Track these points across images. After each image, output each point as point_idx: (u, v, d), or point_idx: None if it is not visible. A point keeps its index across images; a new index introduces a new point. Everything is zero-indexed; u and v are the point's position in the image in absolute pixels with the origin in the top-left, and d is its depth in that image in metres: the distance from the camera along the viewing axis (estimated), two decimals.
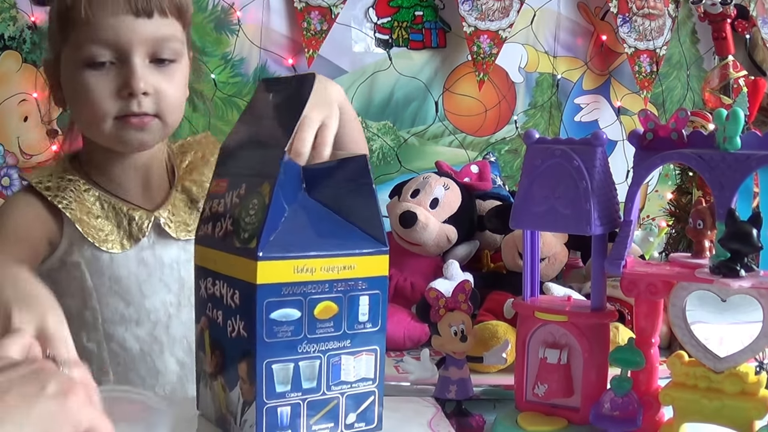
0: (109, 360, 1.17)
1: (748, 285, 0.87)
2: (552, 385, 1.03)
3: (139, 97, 1.10)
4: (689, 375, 0.93)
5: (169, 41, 1.12)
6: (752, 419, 0.90)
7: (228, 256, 0.86)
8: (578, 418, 1.02)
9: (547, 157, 1.01)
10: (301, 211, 0.88)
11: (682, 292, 0.93)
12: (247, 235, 0.84)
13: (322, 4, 1.72)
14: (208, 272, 0.90)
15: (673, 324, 0.94)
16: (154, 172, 1.20)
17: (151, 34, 1.11)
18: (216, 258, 0.89)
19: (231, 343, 0.86)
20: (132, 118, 1.11)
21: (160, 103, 1.12)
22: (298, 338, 0.83)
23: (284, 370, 0.83)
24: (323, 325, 0.85)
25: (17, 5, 1.64)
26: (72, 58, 1.11)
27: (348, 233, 0.89)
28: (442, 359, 1.13)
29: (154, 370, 1.19)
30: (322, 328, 0.85)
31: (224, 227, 0.89)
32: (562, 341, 1.03)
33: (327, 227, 0.89)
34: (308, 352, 0.84)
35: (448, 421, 1.02)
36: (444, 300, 1.10)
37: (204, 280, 0.91)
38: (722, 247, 0.89)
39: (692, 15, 1.98)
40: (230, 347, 0.86)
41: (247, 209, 0.86)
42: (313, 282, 0.84)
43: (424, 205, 1.47)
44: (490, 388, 1.20)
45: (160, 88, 1.12)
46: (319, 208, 0.90)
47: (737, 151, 0.94)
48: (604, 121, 1.98)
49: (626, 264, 0.97)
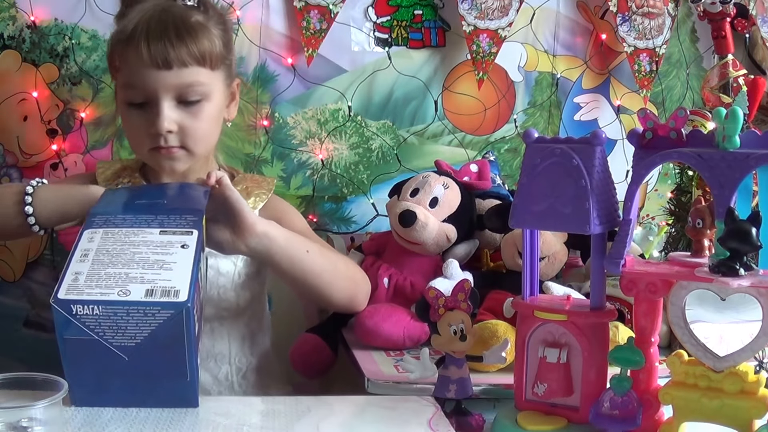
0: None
1: (747, 284, 0.87)
2: (551, 384, 1.03)
3: (165, 134, 1.29)
4: (689, 374, 0.93)
5: (192, 86, 1.30)
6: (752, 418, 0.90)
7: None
8: (578, 418, 1.02)
9: (547, 156, 1.01)
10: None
11: (682, 291, 0.93)
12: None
13: (321, 3, 1.72)
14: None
15: (672, 323, 0.94)
16: (192, 177, 1.35)
17: (174, 82, 1.28)
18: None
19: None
20: (162, 149, 1.31)
21: (185, 138, 1.31)
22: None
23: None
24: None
25: (17, 4, 1.63)
26: (120, 94, 1.34)
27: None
28: (441, 358, 1.13)
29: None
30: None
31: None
32: (562, 340, 1.03)
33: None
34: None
35: (448, 421, 1.02)
36: (443, 299, 1.10)
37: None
38: (721, 245, 0.89)
39: (692, 14, 1.98)
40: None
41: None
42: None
43: (424, 204, 1.47)
44: (490, 388, 1.20)
45: (185, 125, 1.30)
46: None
47: (736, 150, 0.94)
48: (603, 120, 1.98)
49: (626, 263, 0.97)
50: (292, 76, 1.77)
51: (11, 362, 1.66)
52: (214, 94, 1.33)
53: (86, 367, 0.95)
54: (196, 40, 1.28)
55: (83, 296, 0.94)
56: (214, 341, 1.39)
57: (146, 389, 0.98)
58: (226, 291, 1.39)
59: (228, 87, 1.39)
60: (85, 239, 1.03)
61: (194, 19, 1.31)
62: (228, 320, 1.40)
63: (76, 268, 0.98)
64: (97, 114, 1.69)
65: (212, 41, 1.31)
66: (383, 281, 1.47)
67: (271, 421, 0.99)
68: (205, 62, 1.30)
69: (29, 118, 1.66)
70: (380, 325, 1.36)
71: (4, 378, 0.88)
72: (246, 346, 1.42)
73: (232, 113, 1.43)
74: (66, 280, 0.97)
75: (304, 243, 1.30)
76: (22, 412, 0.83)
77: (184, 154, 1.33)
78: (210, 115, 1.33)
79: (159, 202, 1.15)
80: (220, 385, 1.40)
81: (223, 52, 1.34)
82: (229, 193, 1.18)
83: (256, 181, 1.47)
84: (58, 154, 1.67)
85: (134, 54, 1.27)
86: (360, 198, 1.83)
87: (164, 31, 1.27)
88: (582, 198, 0.98)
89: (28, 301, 1.70)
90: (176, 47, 1.27)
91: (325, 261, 1.32)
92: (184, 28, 1.28)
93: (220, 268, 1.37)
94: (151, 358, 0.95)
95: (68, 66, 1.66)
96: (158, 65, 1.27)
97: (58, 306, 0.93)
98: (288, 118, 1.79)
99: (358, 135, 1.83)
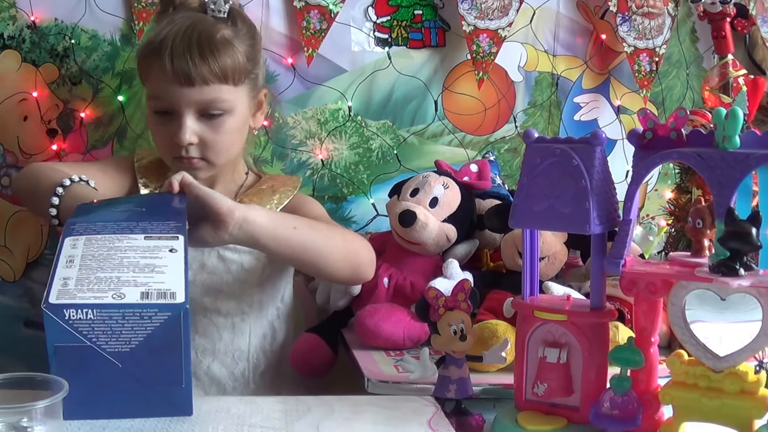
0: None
1: (747, 284, 0.87)
2: (552, 384, 1.03)
3: (186, 146, 1.34)
4: (689, 374, 0.93)
5: (214, 102, 1.34)
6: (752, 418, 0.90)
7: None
8: (578, 417, 1.02)
9: (547, 156, 1.01)
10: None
11: (682, 291, 0.93)
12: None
13: (321, 3, 1.72)
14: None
15: (672, 323, 0.94)
16: (221, 176, 1.44)
17: (196, 98, 1.33)
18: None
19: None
20: (183, 159, 1.36)
21: (205, 150, 1.36)
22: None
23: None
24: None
25: (16, 4, 1.63)
26: (148, 102, 1.39)
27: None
28: (441, 358, 1.13)
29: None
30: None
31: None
32: (562, 340, 1.03)
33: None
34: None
35: (448, 420, 1.02)
36: (443, 299, 1.10)
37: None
38: (721, 245, 0.89)
39: (692, 14, 1.98)
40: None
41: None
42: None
43: (424, 204, 1.47)
44: (490, 387, 1.20)
45: (206, 138, 1.35)
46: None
47: (736, 150, 0.94)
48: (603, 120, 1.98)
49: (626, 263, 0.97)
50: (292, 76, 1.77)
51: (11, 362, 1.66)
52: (237, 108, 1.37)
53: (78, 378, 0.91)
54: (218, 58, 1.32)
55: (76, 300, 0.91)
56: (234, 337, 1.41)
57: (139, 399, 0.95)
58: (249, 287, 1.40)
59: (253, 99, 1.42)
60: (68, 246, 1.00)
61: (220, 35, 1.34)
62: (250, 317, 1.42)
63: (63, 273, 0.95)
64: (97, 114, 1.69)
65: (236, 58, 1.34)
66: (383, 281, 1.47)
67: (271, 420, 0.99)
68: (227, 79, 1.34)
69: (29, 118, 1.66)
70: (380, 325, 1.36)
71: (4, 378, 0.88)
72: (267, 344, 1.44)
73: (258, 122, 1.46)
74: (55, 285, 0.93)
75: (291, 220, 1.30)
76: (22, 412, 0.83)
77: (205, 165, 1.37)
78: (231, 129, 1.37)
79: (138, 210, 1.12)
80: (235, 381, 1.42)
81: (248, 66, 1.37)
82: (197, 190, 1.18)
83: (281, 181, 1.51)
84: (58, 154, 1.67)
85: (159, 68, 1.32)
86: (360, 198, 1.83)
87: (188, 47, 1.30)
88: (582, 198, 0.98)
89: (28, 301, 1.70)
90: (198, 65, 1.30)
91: (316, 234, 1.31)
92: (208, 45, 1.32)
93: (243, 264, 1.39)
94: (146, 364, 0.93)
95: (68, 66, 1.66)
96: (180, 82, 1.31)
97: (49, 311, 0.90)
98: (288, 118, 1.79)
99: (358, 135, 1.83)
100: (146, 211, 1.11)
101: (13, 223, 1.68)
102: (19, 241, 1.68)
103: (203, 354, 1.41)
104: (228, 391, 1.41)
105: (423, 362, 1.13)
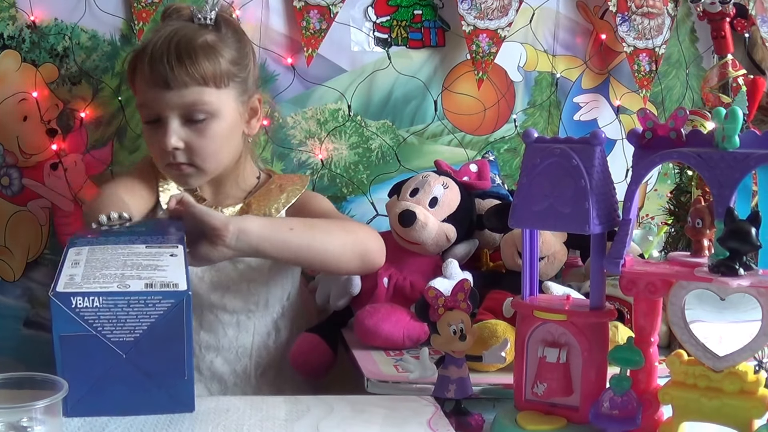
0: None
1: (746, 284, 0.87)
2: (551, 384, 1.03)
3: (173, 151, 1.36)
4: (688, 374, 0.93)
5: (196, 105, 1.35)
6: (751, 418, 0.90)
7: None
8: (577, 417, 1.02)
9: (546, 156, 1.01)
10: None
11: (681, 290, 0.93)
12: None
13: (321, 3, 1.72)
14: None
15: (672, 323, 0.94)
16: (226, 182, 1.47)
17: (176, 101, 1.34)
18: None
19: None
20: (173, 165, 1.38)
21: (192, 155, 1.37)
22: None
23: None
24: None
25: (16, 4, 1.63)
26: (139, 112, 1.42)
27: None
28: (441, 358, 1.13)
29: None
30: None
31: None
32: (562, 340, 1.03)
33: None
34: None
35: (447, 420, 1.02)
36: (443, 299, 1.10)
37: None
38: (721, 245, 0.89)
39: (691, 14, 1.98)
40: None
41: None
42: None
43: (423, 204, 1.47)
44: (489, 387, 1.20)
45: (192, 143, 1.36)
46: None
47: (736, 149, 0.94)
48: (603, 120, 1.98)
49: (625, 263, 0.97)
50: (291, 75, 1.77)
51: (11, 362, 1.66)
52: (223, 112, 1.38)
53: (81, 370, 0.94)
54: (196, 60, 1.33)
55: (83, 289, 0.94)
56: (239, 333, 1.42)
57: (142, 393, 0.96)
58: (256, 285, 1.41)
59: (243, 103, 1.42)
60: (72, 254, 1.04)
61: (202, 39, 1.36)
62: (255, 314, 1.43)
63: (69, 272, 0.99)
64: (97, 114, 1.69)
65: (215, 61, 1.35)
66: (383, 281, 1.47)
67: (270, 420, 0.99)
68: (207, 82, 1.35)
69: (29, 118, 1.66)
70: (380, 325, 1.36)
71: (4, 378, 0.88)
72: (270, 342, 1.45)
73: (253, 129, 1.47)
74: (62, 279, 0.97)
75: (286, 223, 1.34)
76: (22, 412, 0.83)
77: (195, 171, 1.39)
78: (218, 133, 1.38)
79: (138, 229, 1.17)
80: (237, 377, 1.43)
81: (232, 69, 1.38)
82: (192, 209, 1.21)
83: (290, 179, 1.53)
84: (57, 154, 1.67)
85: (141, 74, 1.36)
86: (360, 198, 1.83)
87: (166, 52, 1.33)
88: (582, 198, 0.98)
89: (28, 301, 1.70)
90: (176, 68, 1.32)
91: (315, 232, 1.33)
92: (186, 49, 1.33)
93: (251, 262, 1.39)
94: (149, 355, 0.95)
95: (68, 66, 1.66)
96: (160, 85, 1.33)
97: (57, 299, 0.93)
98: (288, 118, 1.79)
99: (357, 135, 1.83)
100: (146, 230, 1.16)
101: (13, 223, 1.68)
102: (19, 241, 1.68)
103: (207, 349, 1.42)
104: (229, 387, 1.42)
105: (422, 362, 1.13)
